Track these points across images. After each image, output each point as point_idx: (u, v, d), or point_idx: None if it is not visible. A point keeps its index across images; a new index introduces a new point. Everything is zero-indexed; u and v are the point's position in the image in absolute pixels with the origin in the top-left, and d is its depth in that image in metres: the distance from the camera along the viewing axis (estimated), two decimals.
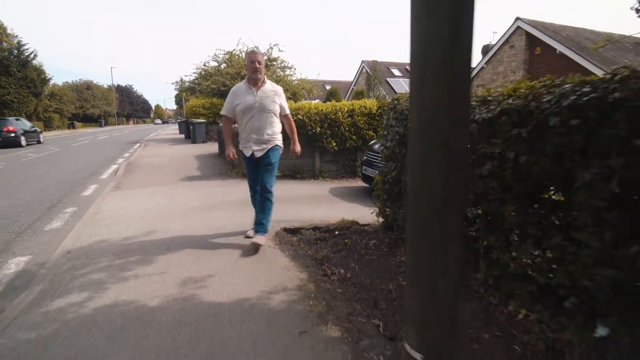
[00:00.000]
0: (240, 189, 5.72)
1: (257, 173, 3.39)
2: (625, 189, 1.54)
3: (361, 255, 3.16)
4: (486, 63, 16.48)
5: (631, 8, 2.17)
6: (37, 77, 31.77)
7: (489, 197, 2.25)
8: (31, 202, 5.43)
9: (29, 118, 31.73)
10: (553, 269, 1.98)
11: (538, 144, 1.89)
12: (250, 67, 3.27)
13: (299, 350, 1.79)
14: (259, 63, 3.24)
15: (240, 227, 3.78)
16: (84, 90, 49.27)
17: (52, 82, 37.62)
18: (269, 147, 3.32)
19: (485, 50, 17.94)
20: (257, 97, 3.26)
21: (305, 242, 3.53)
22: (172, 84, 20.61)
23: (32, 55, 31.79)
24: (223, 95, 15.13)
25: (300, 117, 6.99)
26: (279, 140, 3.41)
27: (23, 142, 16.80)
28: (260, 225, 3.33)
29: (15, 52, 30.90)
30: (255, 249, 3.20)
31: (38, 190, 6.38)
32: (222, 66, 17.00)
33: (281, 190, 6.03)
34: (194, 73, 17.99)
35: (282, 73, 17.31)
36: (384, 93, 21.59)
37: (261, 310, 2.18)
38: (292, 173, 7.34)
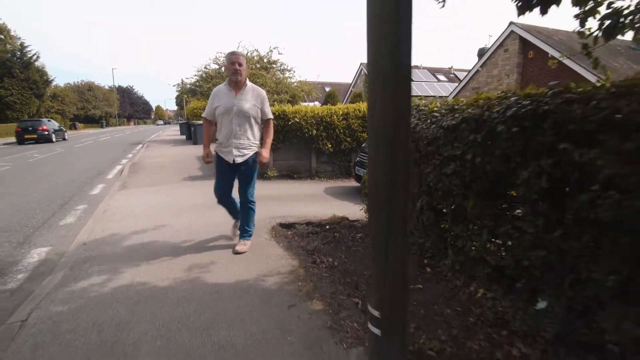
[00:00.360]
0: None
1: (230, 179, 3.32)
2: (553, 184, 1.89)
3: (348, 247, 3.51)
4: (481, 66, 16.82)
5: (573, 31, 2.51)
6: (39, 79, 32.22)
7: (454, 193, 2.61)
8: (43, 200, 5.78)
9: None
10: (504, 253, 2.33)
11: (490, 148, 2.24)
12: (230, 69, 3.12)
13: (287, 319, 2.14)
14: (239, 65, 3.11)
15: None
16: (86, 91, 49.76)
17: (54, 83, 38.03)
18: (250, 153, 3.25)
19: (481, 53, 18.26)
20: (236, 100, 3.15)
21: (298, 235, 3.88)
22: (174, 86, 21.05)
23: (34, 57, 32.25)
24: None
25: (297, 120, 7.36)
26: (258, 147, 3.35)
27: (53, 139, 20.67)
28: (244, 231, 3.41)
29: (18, 53, 31.33)
30: (237, 253, 3.25)
31: (48, 189, 6.74)
32: (223, 69, 17.37)
33: (279, 189, 6.40)
34: (195, 75, 18.37)
35: (281, 75, 17.66)
36: None
37: (257, 289, 2.54)
38: (290, 173, 7.70)
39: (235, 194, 3.43)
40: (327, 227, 4.11)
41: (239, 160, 3.21)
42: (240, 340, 1.93)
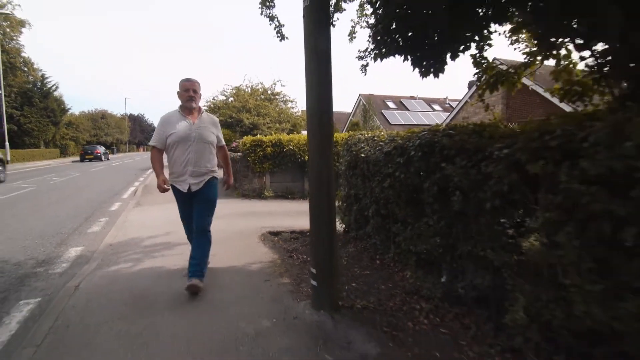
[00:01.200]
0: (239, 206, 7.02)
1: (192, 210, 3.20)
2: (440, 191, 2.79)
3: None
4: (470, 97, 18.00)
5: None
6: (57, 107, 34.10)
7: (390, 201, 3.51)
8: (70, 215, 6.74)
9: (46, 145, 33.92)
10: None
11: (409, 167, 3.16)
12: (184, 96, 3.05)
13: (262, 287, 3.02)
14: (194, 92, 3.06)
15: (237, 229, 5.03)
16: (99, 119, 52.04)
17: (70, 111, 40.05)
18: (207, 179, 3.13)
19: (471, 85, 19.53)
20: (194, 127, 3.06)
21: (283, 240, 4.76)
22: None
23: (54, 87, 34.29)
24: (230, 126, 16.74)
25: (291, 147, 8.38)
26: (217, 173, 3.27)
27: (103, 159, 30.11)
28: (196, 267, 2.98)
29: (39, 84, 33.41)
30: (193, 293, 2.84)
31: (72, 206, 7.72)
32: (230, 100, 18.77)
33: (273, 207, 7.32)
34: (204, 106, 19.78)
35: (284, 106, 19.02)
36: (379, 124, 23.18)
37: (243, 270, 3.42)
38: (285, 194, 8.64)
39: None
40: (308, 234, 4.98)
41: (195, 188, 3.09)
42: (227, 298, 2.81)
